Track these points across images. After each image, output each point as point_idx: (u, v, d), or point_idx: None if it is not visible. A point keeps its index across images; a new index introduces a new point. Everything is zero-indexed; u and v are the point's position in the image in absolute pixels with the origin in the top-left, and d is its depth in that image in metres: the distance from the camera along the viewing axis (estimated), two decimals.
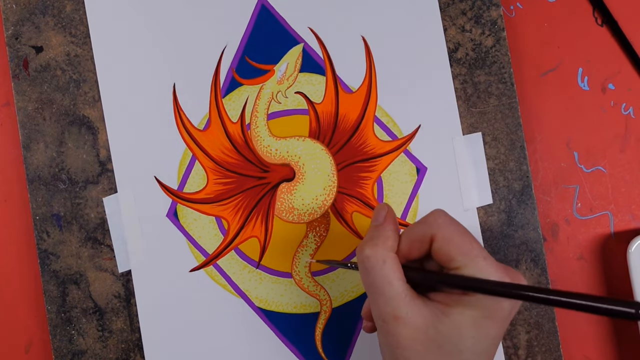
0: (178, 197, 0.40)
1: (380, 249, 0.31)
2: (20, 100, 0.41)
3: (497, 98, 0.40)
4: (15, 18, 0.41)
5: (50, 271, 0.40)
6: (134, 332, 0.40)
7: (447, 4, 0.40)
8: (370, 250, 0.31)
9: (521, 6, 0.42)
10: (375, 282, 0.30)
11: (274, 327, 0.40)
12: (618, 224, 0.41)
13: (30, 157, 0.40)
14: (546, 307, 0.39)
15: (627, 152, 0.41)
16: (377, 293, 0.30)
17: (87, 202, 0.40)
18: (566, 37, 0.41)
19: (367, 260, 0.30)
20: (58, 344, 0.40)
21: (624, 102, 0.41)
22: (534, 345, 0.39)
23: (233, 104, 0.40)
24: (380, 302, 0.30)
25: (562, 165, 0.41)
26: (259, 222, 0.40)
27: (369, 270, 0.30)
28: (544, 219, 0.41)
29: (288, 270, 0.40)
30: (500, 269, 0.29)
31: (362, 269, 0.31)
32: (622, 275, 0.40)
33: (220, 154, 0.40)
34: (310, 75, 0.40)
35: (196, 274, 0.40)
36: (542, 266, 0.39)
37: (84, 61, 0.41)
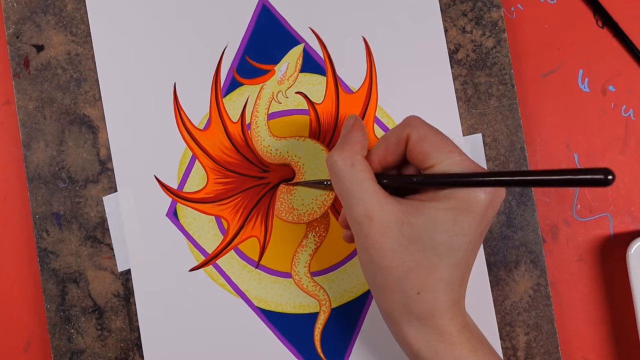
0: (178, 197, 0.40)
1: (347, 152, 0.31)
2: (20, 99, 0.41)
3: (498, 99, 0.40)
4: (16, 17, 0.41)
5: (49, 270, 0.40)
6: (133, 331, 0.40)
7: (448, 5, 0.40)
8: (338, 155, 0.31)
9: (522, 7, 0.42)
10: (345, 185, 0.30)
11: (273, 327, 0.40)
12: (617, 225, 0.41)
13: (31, 155, 0.40)
14: (545, 308, 0.39)
15: (627, 154, 0.41)
16: (348, 196, 0.30)
17: (87, 201, 0.40)
18: (567, 38, 0.41)
19: (335, 165, 0.31)
20: (57, 342, 0.40)
21: (624, 104, 0.41)
22: (533, 346, 0.39)
23: (233, 104, 0.40)
24: (353, 204, 0.30)
25: (562, 166, 0.41)
26: (259, 222, 0.40)
27: (338, 175, 0.31)
28: (544, 221, 0.41)
29: (287, 270, 0.40)
30: (474, 163, 0.29)
31: (332, 174, 0.31)
32: (622, 277, 0.40)
33: (221, 154, 0.40)
34: (311, 75, 0.40)
35: (196, 273, 0.40)
36: (542, 268, 0.39)
37: (85, 60, 0.41)
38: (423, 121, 0.31)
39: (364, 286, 0.40)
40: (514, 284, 0.39)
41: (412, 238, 0.29)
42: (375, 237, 0.29)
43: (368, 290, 0.40)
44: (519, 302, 0.39)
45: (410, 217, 0.29)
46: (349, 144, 0.31)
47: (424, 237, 0.29)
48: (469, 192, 0.28)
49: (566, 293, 0.41)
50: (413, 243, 0.29)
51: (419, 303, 0.30)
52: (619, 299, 0.40)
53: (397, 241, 0.29)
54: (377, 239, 0.29)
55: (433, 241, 0.29)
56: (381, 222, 0.29)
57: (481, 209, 0.29)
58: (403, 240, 0.29)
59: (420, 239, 0.29)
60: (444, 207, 0.28)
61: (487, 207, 0.29)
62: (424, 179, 0.29)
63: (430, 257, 0.29)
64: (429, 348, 0.31)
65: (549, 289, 0.39)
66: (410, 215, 0.29)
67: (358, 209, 0.30)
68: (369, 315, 0.40)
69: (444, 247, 0.29)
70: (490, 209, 0.29)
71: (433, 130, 0.30)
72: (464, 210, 0.28)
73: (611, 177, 0.21)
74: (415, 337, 0.31)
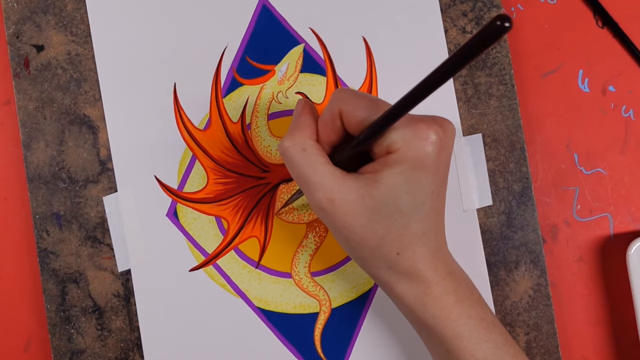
0: (178, 197, 0.40)
1: (297, 137, 0.31)
2: (20, 99, 0.41)
3: (498, 99, 0.40)
4: (16, 17, 0.41)
5: (49, 270, 0.40)
6: (133, 332, 0.40)
7: (448, 5, 0.40)
8: (288, 142, 0.31)
9: (522, 8, 0.42)
10: (300, 171, 0.30)
11: (274, 327, 0.40)
12: (618, 225, 0.41)
13: (31, 155, 0.40)
14: (545, 308, 0.39)
15: (627, 154, 0.41)
16: (305, 182, 0.30)
17: (87, 201, 0.40)
18: (567, 38, 0.41)
19: (286, 152, 0.31)
20: (57, 342, 0.40)
21: (624, 104, 0.41)
22: (533, 347, 0.39)
23: (233, 104, 0.40)
24: (311, 189, 0.30)
25: (562, 167, 0.41)
26: (259, 222, 0.40)
27: (291, 161, 0.31)
28: (544, 221, 0.41)
29: (288, 271, 0.40)
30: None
31: (286, 161, 0.31)
32: (622, 277, 0.40)
33: (221, 154, 0.40)
34: (311, 75, 0.40)
35: (196, 273, 0.40)
36: (542, 268, 0.39)
37: (85, 60, 0.41)
38: (350, 91, 0.31)
39: (364, 286, 0.40)
40: (514, 284, 0.39)
41: (376, 209, 0.29)
42: (342, 218, 0.30)
43: (368, 290, 0.40)
44: (519, 302, 0.39)
45: (370, 190, 0.29)
46: (299, 129, 0.31)
47: (387, 205, 0.29)
48: (416, 150, 0.28)
49: (566, 293, 0.41)
50: (379, 213, 0.29)
51: (401, 262, 0.31)
52: (619, 299, 0.40)
53: (364, 215, 0.30)
54: (344, 218, 0.30)
55: (397, 205, 0.29)
56: (343, 202, 0.30)
57: (432, 160, 0.29)
58: (369, 213, 0.29)
59: (384, 207, 0.29)
60: (397, 171, 0.29)
61: (437, 157, 0.29)
62: (365, 134, 0.29)
63: (398, 219, 0.30)
64: (418, 302, 0.31)
65: (549, 289, 0.39)
66: (369, 187, 0.29)
67: (318, 194, 0.30)
68: (369, 315, 0.40)
69: (408, 207, 0.29)
70: (442, 156, 0.30)
71: (362, 96, 0.30)
72: (416, 167, 0.29)
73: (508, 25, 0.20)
74: (404, 292, 0.32)
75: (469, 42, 0.22)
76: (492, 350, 0.31)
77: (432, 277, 0.31)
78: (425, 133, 0.29)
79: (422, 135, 0.29)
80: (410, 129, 0.29)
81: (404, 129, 0.29)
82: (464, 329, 0.31)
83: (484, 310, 0.32)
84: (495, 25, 0.20)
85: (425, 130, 0.29)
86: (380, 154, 0.30)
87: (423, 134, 0.29)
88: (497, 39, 0.21)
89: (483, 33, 0.21)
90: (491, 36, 0.21)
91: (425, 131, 0.29)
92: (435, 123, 0.29)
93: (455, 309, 0.31)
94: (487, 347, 0.31)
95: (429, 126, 0.29)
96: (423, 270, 0.31)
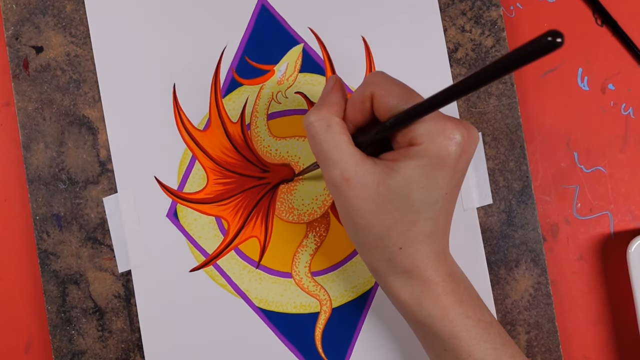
0: (178, 197, 0.40)
1: (324, 113, 0.30)
2: (20, 101, 0.41)
3: (497, 98, 0.40)
4: (16, 18, 0.41)
5: (50, 271, 0.40)
6: (134, 332, 0.40)
7: (447, 4, 0.40)
8: (314, 116, 0.30)
9: (521, 6, 0.42)
10: (321, 147, 0.30)
11: (274, 327, 0.40)
12: (618, 224, 0.41)
13: (30, 157, 0.40)
14: (546, 307, 0.39)
15: (627, 153, 0.41)
16: (325, 158, 0.30)
17: (87, 202, 0.40)
18: (566, 37, 0.41)
19: (311, 126, 0.30)
20: (58, 344, 0.40)
21: (623, 103, 0.41)
22: (534, 345, 0.39)
23: (233, 104, 0.40)
24: (329, 166, 0.30)
25: (562, 165, 0.41)
26: (259, 222, 0.40)
27: (314, 136, 0.30)
28: (544, 219, 0.41)
29: (288, 270, 0.40)
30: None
31: (309, 135, 0.31)
32: (622, 276, 0.40)
33: (220, 154, 0.40)
34: (311, 75, 0.40)
35: (196, 274, 0.40)
36: (542, 266, 0.39)
37: (84, 61, 0.41)
38: (386, 76, 0.30)
39: (364, 286, 0.40)
40: (514, 283, 0.39)
41: (389, 197, 0.29)
42: (353, 199, 0.30)
43: (369, 290, 0.40)
44: (519, 300, 0.39)
45: (386, 177, 0.29)
46: (327, 105, 0.31)
47: (400, 196, 0.29)
48: (439, 147, 0.28)
49: (567, 291, 0.41)
50: (390, 202, 0.29)
51: (402, 258, 0.30)
52: (619, 298, 0.40)
53: (375, 202, 0.29)
54: (355, 200, 0.30)
55: (409, 198, 0.29)
56: (358, 183, 0.29)
57: (453, 161, 0.29)
58: (380, 201, 0.29)
59: (397, 197, 0.29)
60: (416, 164, 0.29)
61: (458, 158, 0.29)
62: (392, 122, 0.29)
63: (408, 213, 0.29)
64: (414, 300, 0.31)
65: (550, 287, 0.39)
66: (386, 175, 0.29)
67: (335, 172, 0.30)
68: (370, 314, 0.40)
69: (420, 203, 0.29)
70: (462, 159, 0.29)
71: (397, 83, 0.30)
72: (436, 165, 0.29)
73: (560, 40, 0.20)
74: (400, 288, 0.31)
75: (514, 53, 0.21)
76: (491, 350, 0.31)
77: (431, 277, 0.31)
78: (451, 132, 0.28)
79: (447, 134, 0.28)
80: (437, 125, 0.28)
81: (431, 124, 0.28)
82: (461, 329, 0.31)
83: (483, 311, 0.32)
84: (546, 41, 0.20)
85: (452, 129, 0.29)
86: (402, 144, 0.29)
87: (449, 132, 0.28)
88: (545, 54, 0.20)
89: (532, 46, 0.20)
90: (539, 51, 0.20)
91: (452, 130, 0.28)
92: (462, 125, 0.29)
93: (454, 309, 0.31)
94: (486, 348, 0.31)
95: (456, 126, 0.29)
96: (423, 270, 0.31)
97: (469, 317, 0.31)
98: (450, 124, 0.29)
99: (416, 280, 0.31)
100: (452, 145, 0.28)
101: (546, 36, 0.20)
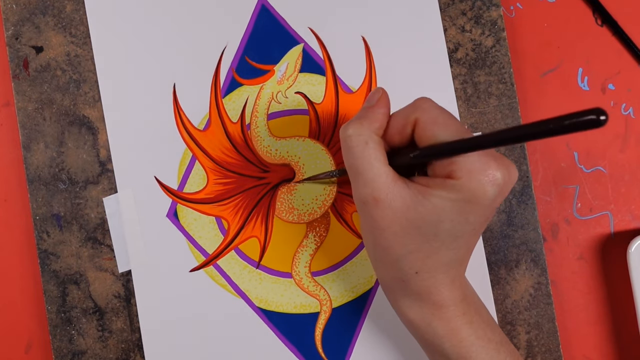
0: (178, 197, 0.40)
1: (365, 129, 0.30)
2: (20, 101, 0.41)
3: (497, 98, 0.40)
4: (16, 18, 0.41)
5: (50, 271, 0.40)
6: (134, 332, 0.40)
7: (447, 4, 0.40)
8: (354, 130, 0.30)
9: (521, 6, 0.42)
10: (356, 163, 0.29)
11: (274, 327, 0.40)
12: (618, 224, 0.41)
13: (31, 157, 0.40)
14: (546, 307, 0.39)
15: (627, 152, 0.41)
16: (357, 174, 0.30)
17: (87, 202, 0.40)
18: (566, 37, 0.41)
19: (349, 140, 0.30)
20: (58, 344, 0.40)
21: (623, 102, 0.41)
22: (534, 345, 0.39)
23: (233, 104, 0.40)
24: (360, 183, 0.29)
25: (562, 165, 0.41)
26: (259, 222, 0.40)
27: (350, 150, 0.30)
28: (544, 219, 0.41)
29: (288, 270, 0.40)
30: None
31: (344, 147, 0.30)
32: (622, 275, 0.40)
33: (220, 154, 0.40)
34: (310, 75, 0.40)
35: (196, 274, 0.40)
36: (542, 266, 0.39)
37: (84, 61, 0.41)
38: (433, 103, 0.30)
39: (364, 286, 0.40)
40: (514, 283, 0.39)
41: (415, 223, 0.29)
42: (380, 220, 0.29)
43: (369, 290, 0.40)
44: (519, 300, 0.39)
45: (417, 203, 0.28)
46: (369, 120, 0.30)
47: (428, 224, 0.28)
48: (478, 186, 0.27)
49: (567, 291, 0.41)
50: (416, 228, 0.29)
51: (417, 282, 0.30)
52: (619, 298, 0.40)
53: (400, 225, 0.29)
54: (381, 221, 0.29)
55: (436, 229, 0.28)
56: (386, 205, 0.29)
57: (488, 201, 0.28)
58: (406, 225, 0.29)
59: (424, 225, 0.29)
60: (451, 198, 0.28)
61: (494, 200, 0.28)
62: (430, 151, 0.28)
63: (431, 242, 0.29)
64: (424, 320, 0.31)
65: (550, 287, 0.39)
66: (417, 201, 0.28)
67: (366, 190, 0.29)
68: (370, 314, 0.40)
69: (446, 234, 0.29)
70: (499, 199, 0.28)
71: (443, 112, 0.29)
72: (470, 202, 0.28)
73: (604, 118, 0.20)
74: (410, 308, 0.31)
75: (560, 120, 0.22)
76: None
77: (443, 302, 0.31)
78: (493, 173, 0.27)
79: (489, 173, 0.27)
80: (480, 163, 0.27)
81: (474, 160, 0.27)
82: (470, 349, 0.31)
83: (493, 330, 0.32)
84: (590, 119, 0.20)
85: (495, 170, 0.27)
86: (440, 173, 0.28)
87: (491, 172, 0.27)
88: (587, 129, 0.21)
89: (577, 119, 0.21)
90: (583, 126, 0.21)
91: (494, 171, 0.27)
92: (504, 166, 0.28)
93: (463, 330, 0.31)
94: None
95: (499, 167, 0.28)
96: (435, 295, 0.30)
97: (479, 337, 0.31)
98: (494, 163, 0.28)
99: (427, 303, 0.31)
100: (492, 186, 0.27)
101: (590, 113, 0.21)
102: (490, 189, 0.27)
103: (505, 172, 0.28)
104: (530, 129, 0.23)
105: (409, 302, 0.31)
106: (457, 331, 0.31)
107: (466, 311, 0.31)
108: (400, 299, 0.32)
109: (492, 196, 0.28)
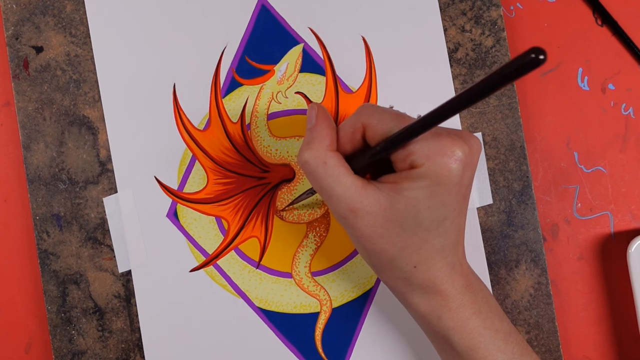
0: (178, 197, 0.40)
1: (317, 150, 0.30)
2: (20, 101, 0.41)
3: (497, 98, 0.40)
4: (16, 18, 0.41)
5: (50, 271, 0.40)
6: (134, 332, 0.40)
7: (447, 4, 0.40)
8: (309, 154, 0.30)
9: (521, 6, 0.42)
10: (322, 184, 0.30)
11: (274, 327, 0.40)
12: (618, 224, 0.41)
13: (31, 157, 0.40)
14: (546, 307, 0.39)
15: (627, 152, 0.41)
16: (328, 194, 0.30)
17: (87, 202, 0.40)
18: (566, 37, 0.41)
19: (307, 165, 0.30)
20: (58, 344, 0.40)
21: (624, 102, 0.41)
22: (534, 345, 0.39)
23: (233, 104, 0.40)
24: (334, 201, 0.30)
25: (562, 165, 0.41)
26: (259, 222, 0.40)
27: (313, 174, 0.30)
28: (544, 219, 0.41)
29: (288, 270, 0.40)
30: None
31: (307, 174, 0.31)
32: (622, 275, 0.40)
33: (220, 154, 0.40)
34: (310, 75, 0.40)
35: (196, 274, 0.40)
36: (542, 266, 0.39)
37: (84, 61, 0.41)
38: (375, 106, 0.31)
39: (364, 286, 0.40)
40: (514, 283, 0.39)
41: (396, 221, 0.29)
42: (362, 228, 0.30)
43: (369, 290, 0.40)
44: (519, 300, 0.39)
45: (392, 201, 0.29)
46: (317, 140, 0.31)
47: (408, 218, 0.29)
48: (440, 167, 0.28)
49: (567, 291, 0.41)
50: (399, 225, 0.29)
51: (418, 275, 0.31)
52: (619, 298, 0.40)
53: (383, 227, 0.30)
54: (365, 229, 0.30)
55: (417, 219, 0.29)
56: (365, 212, 0.29)
57: (456, 178, 0.28)
58: (389, 225, 0.29)
59: (405, 220, 0.29)
60: (420, 186, 0.28)
61: (462, 174, 0.29)
62: (382, 146, 0.29)
63: (418, 233, 0.29)
64: (434, 314, 0.31)
65: (550, 287, 0.39)
66: (391, 199, 0.29)
67: (340, 205, 0.30)
68: (370, 314, 0.40)
69: (429, 222, 0.29)
70: (466, 173, 0.29)
71: (387, 111, 0.30)
72: (439, 184, 0.28)
73: (543, 57, 0.20)
74: (419, 303, 0.32)
75: (499, 70, 0.22)
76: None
77: (448, 291, 0.31)
78: (450, 150, 0.28)
79: (446, 152, 0.28)
80: (435, 144, 0.28)
81: (428, 143, 0.28)
82: (479, 341, 0.31)
83: (501, 321, 0.32)
84: (529, 58, 0.20)
85: (451, 146, 0.28)
86: (402, 167, 0.29)
87: (448, 150, 0.28)
88: (529, 71, 0.21)
89: (515, 64, 0.21)
90: (523, 69, 0.21)
91: (451, 148, 0.28)
92: (461, 139, 0.29)
93: (472, 321, 0.31)
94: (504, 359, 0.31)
95: (454, 142, 0.28)
96: (440, 284, 0.31)
97: (487, 327, 0.31)
98: (448, 140, 0.28)
99: (433, 295, 0.31)
100: (452, 163, 0.28)
101: (529, 53, 0.20)
102: (453, 166, 0.28)
103: (465, 146, 0.28)
104: (476, 88, 0.23)
105: (417, 298, 0.32)
106: (466, 322, 0.31)
107: (473, 300, 0.31)
108: (409, 297, 0.32)
109: (457, 173, 0.28)
